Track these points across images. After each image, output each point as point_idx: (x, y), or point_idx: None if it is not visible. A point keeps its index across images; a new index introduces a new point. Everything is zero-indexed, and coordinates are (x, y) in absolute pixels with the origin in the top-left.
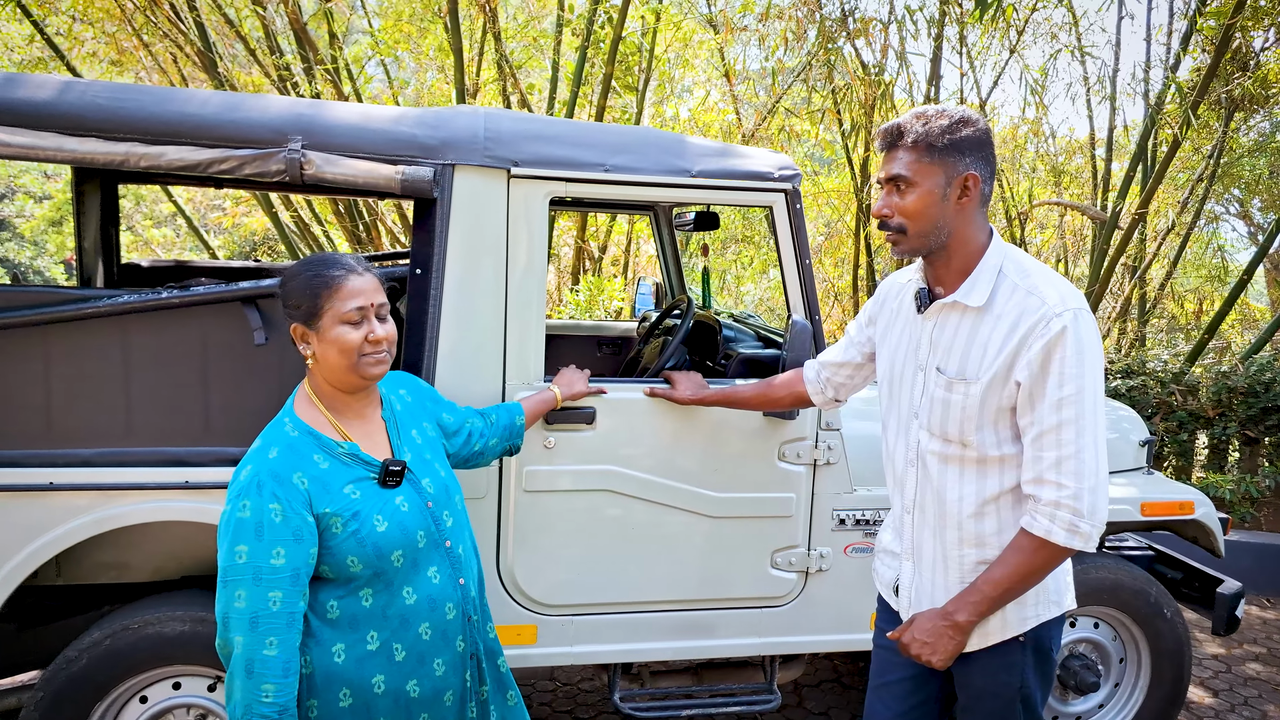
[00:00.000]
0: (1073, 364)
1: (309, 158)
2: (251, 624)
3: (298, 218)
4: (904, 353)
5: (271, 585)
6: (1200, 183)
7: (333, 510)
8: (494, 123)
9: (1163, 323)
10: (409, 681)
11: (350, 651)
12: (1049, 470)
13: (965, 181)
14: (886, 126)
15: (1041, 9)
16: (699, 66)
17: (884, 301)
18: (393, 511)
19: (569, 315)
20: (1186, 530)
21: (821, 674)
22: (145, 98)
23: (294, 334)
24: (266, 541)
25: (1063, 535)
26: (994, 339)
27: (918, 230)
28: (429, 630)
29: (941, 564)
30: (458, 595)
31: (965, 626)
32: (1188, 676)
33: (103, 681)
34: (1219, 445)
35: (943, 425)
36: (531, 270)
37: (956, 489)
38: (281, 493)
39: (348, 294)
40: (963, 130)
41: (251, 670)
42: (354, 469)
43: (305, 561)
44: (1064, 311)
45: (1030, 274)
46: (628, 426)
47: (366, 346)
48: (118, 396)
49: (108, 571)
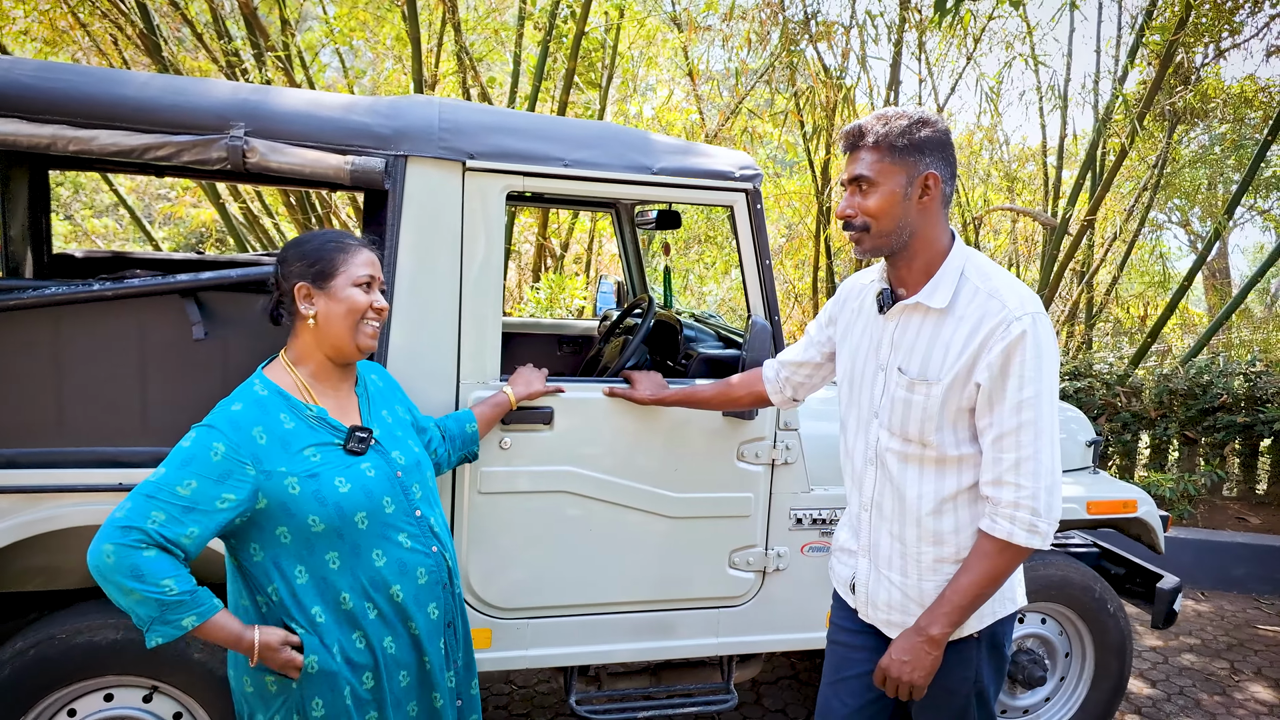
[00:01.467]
0: (1032, 367)
1: (252, 145)
2: (123, 531)
3: (247, 209)
4: (865, 352)
5: (161, 506)
6: (1145, 192)
7: (288, 469)
8: (450, 113)
9: (1109, 326)
10: (385, 639)
11: (329, 613)
12: (1008, 472)
13: (926, 181)
14: (849, 128)
15: (998, 18)
16: (663, 65)
17: (845, 302)
18: (357, 475)
19: (530, 313)
20: (1130, 527)
21: (779, 671)
22: (76, 77)
23: (297, 293)
24: (188, 471)
25: (1024, 536)
26: (955, 341)
27: (880, 230)
28: (400, 593)
29: (899, 560)
30: (430, 562)
31: (940, 639)
32: (1129, 669)
33: (27, 693)
34: (1160, 445)
35: (903, 425)
36: (488, 266)
37: (916, 487)
38: (234, 437)
39: (363, 262)
40: (922, 131)
41: (140, 572)
42: (319, 432)
43: (212, 502)
44: (1023, 315)
45: (991, 277)
46: (586, 427)
47: (370, 312)
48: (47, 393)
49: (35, 578)
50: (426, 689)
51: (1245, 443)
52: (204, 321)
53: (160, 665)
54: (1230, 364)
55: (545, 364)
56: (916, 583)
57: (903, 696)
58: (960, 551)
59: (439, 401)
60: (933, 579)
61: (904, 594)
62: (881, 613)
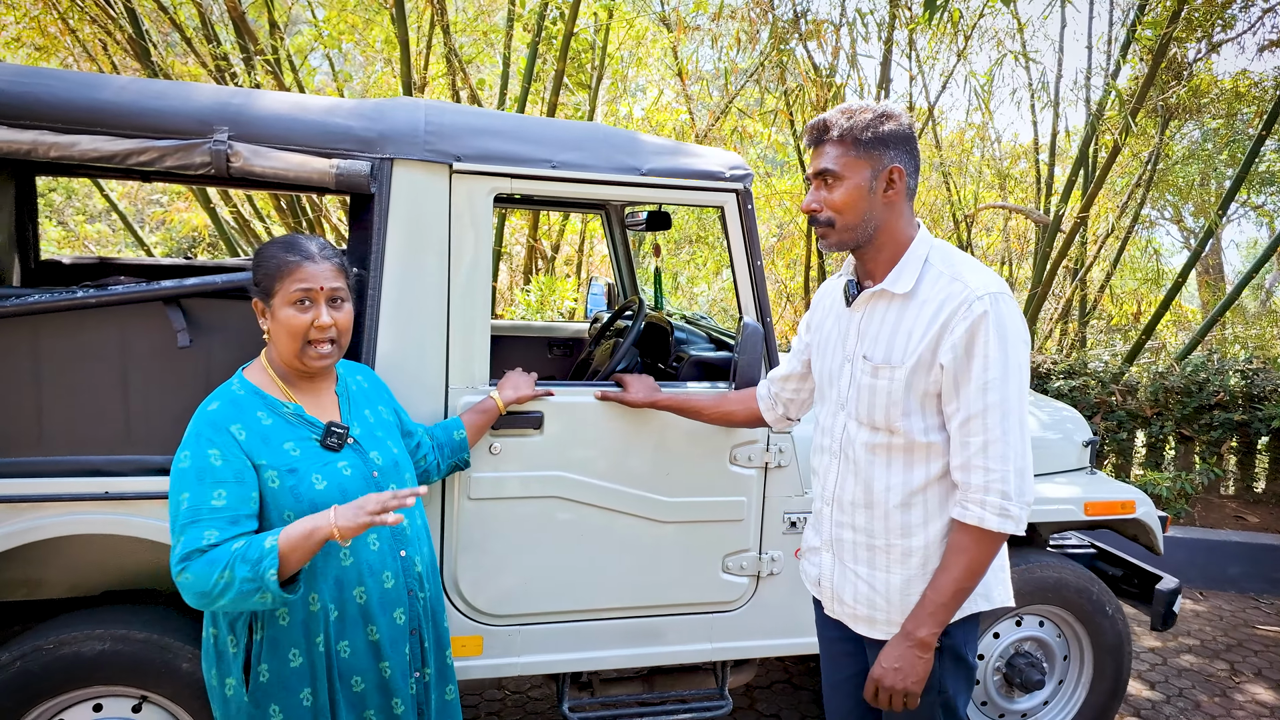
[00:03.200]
0: (996, 347)
1: (236, 150)
2: (186, 558)
3: (238, 213)
4: (833, 345)
5: (210, 524)
6: (1138, 188)
7: (269, 463)
8: (435, 115)
9: (1102, 324)
10: (340, 642)
11: (294, 614)
12: (976, 455)
13: (891, 174)
14: (813, 122)
15: (988, 14)
16: (652, 65)
17: (817, 306)
18: (334, 473)
19: (520, 315)
20: (1127, 528)
21: (773, 675)
22: (55, 82)
23: (255, 308)
24: (208, 484)
25: (995, 520)
26: (919, 323)
27: (846, 223)
28: (364, 595)
29: (865, 553)
30: (397, 566)
31: (930, 641)
32: (1128, 671)
33: (13, 706)
34: (1156, 443)
35: (869, 412)
36: (476, 270)
37: (884, 479)
38: (219, 439)
39: (298, 278)
40: (886, 125)
41: (214, 560)
42: (297, 428)
43: (245, 502)
44: (984, 295)
45: (955, 263)
46: (577, 431)
47: (314, 332)
48: (28, 402)
49: (18, 589)
50: (385, 695)
51: (1242, 440)
52: (188, 329)
53: (148, 675)
54: (1226, 361)
55: (535, 367)
56: (885, 575)
57: (896, 708)
58: (929, 543)
59: (427, 408)
60: (900, 571)
61: (870, 587)
62: (848, 608)
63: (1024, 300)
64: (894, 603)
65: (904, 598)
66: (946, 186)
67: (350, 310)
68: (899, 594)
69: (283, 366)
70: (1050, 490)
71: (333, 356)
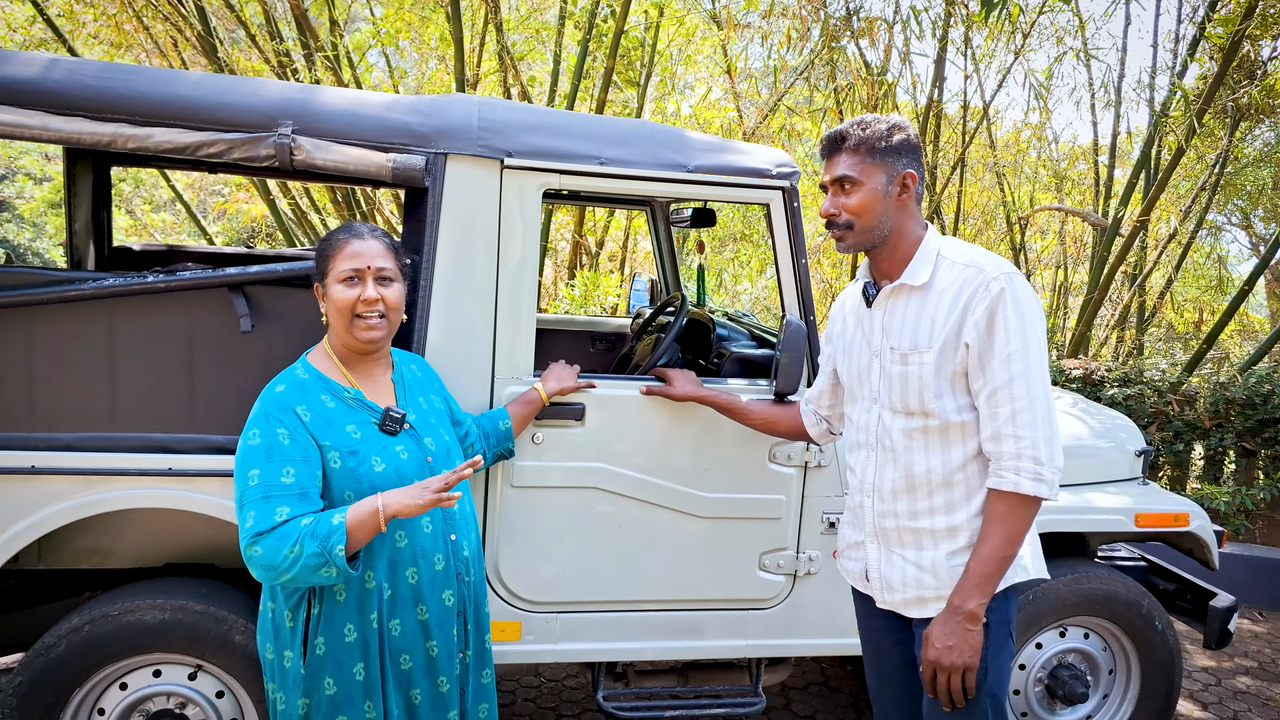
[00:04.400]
0: (1015, 321)
1: (299, 143)
2: (258, 535)
3: (295, 205)
4: (858, 347)
5: (280, 501)
6: (1203, 192)
7: (331, 444)
8: (488, 111)
9: (1161, 331)
10: (391, 620)
11: (349, 590)
12: (1006, 424)
13: (905, 179)
14: (829, 134)
15: (1048, 12)
16: (701, 63)
17: (835, 318)
18: (391, 456)
19: (563, 310)
20: (1181, 542)
21: (809, 676)
22: (134, 78)
23: (316, 292)
24: (276, 462)
25: (1030, 485)
26: (940, 309)
27: (863, 226)
28: (416, 575)
29: (910, 535)
30: (446, 549)
31: (978, 612)
32: (1178, 689)
33: (81, 668)
34: (1215, 456)
35: (903, 399)
36: (524, 264)
37: (924, 462)
38: (286, 419)
39: (346, 255)
40: (897, 135)
41: (284, 536)
42: (358, 412)
43: (313, 481)
44: (1000, 275)
45: (965, 253)
46: (618, 424)
47: (360, 306)
48: (102, 381)
49: (90, 557)
50: (431, 674)
51: None
52: (250, 315)
53: (204, 645)
54: None
55: (577, 360)
56: (932, 553)
57: (954, 686)
58: (972, 516)
59: (473, 396)
60: (948, 544)
61: (918, 567)
62: (898, 593)
63: (1079, 305)
64: (941, 577)
65: (951, 570)
66: (1000, 188)
67: (400, 290)
68: (945, 566)
69: (341, 349)
70: (1100, 499)
71: (381, 330)
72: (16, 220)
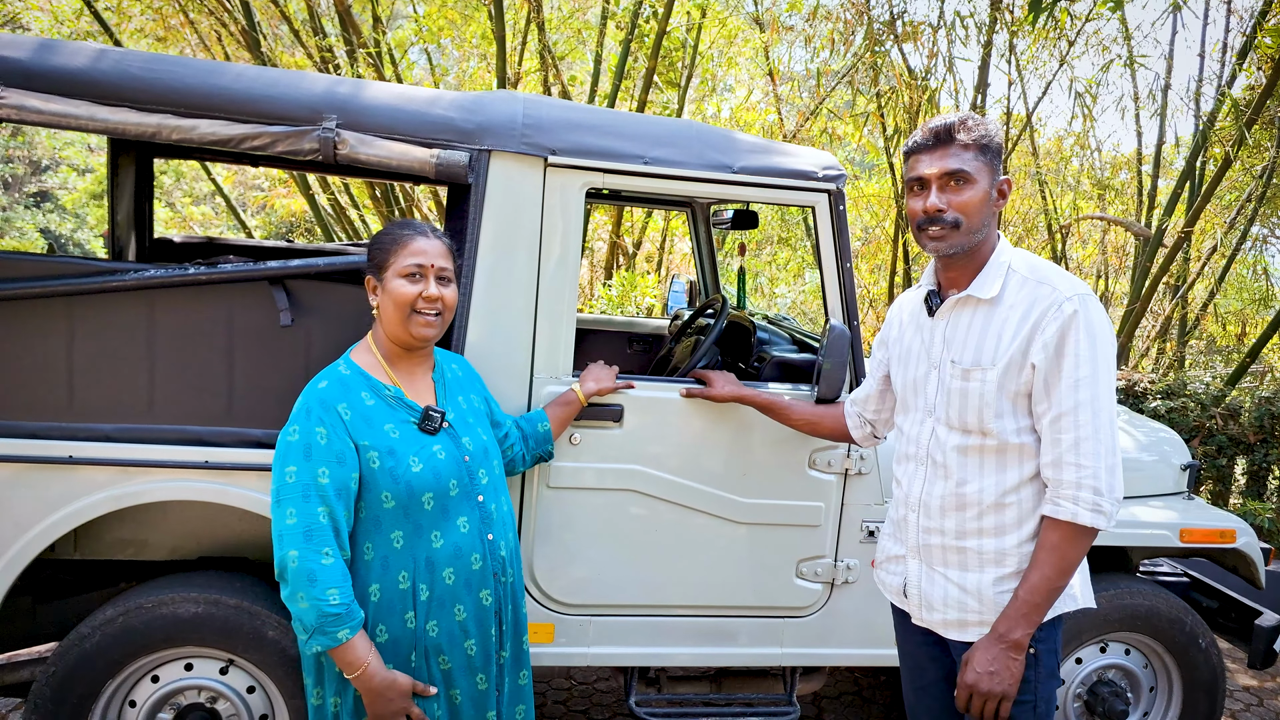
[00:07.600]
0: (1086, 346)
1: (343, 137)
2: (305, 537)
3: (335, 201)
4: (916, 356)
5: (320, 500)
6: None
7: (370, 443)
8: (533, 109)
9: (1202, 344)
10: (429, 621)
11: (384, 592)
12: (1068, 452)
13: (1004, 186)
14: (937, 125)
15: (1095, 19)
16: (742, 65)
17: (893, 322)
18: (429, 456)
19: (600, 310)
20: (1226, 559)
21: (842, 686)
22: (180, 69)
23: (367, 285)
24: (314, 461)
25: (1088, 516)
26: (1008, 327)
27: (970, 226)
28: (453, 575)
29: (955, 555)
30: (483, 549)
31: (1023, 642)
32: (1220, 708)
33: (114, 659)
34: (1258, 472)
35: (961, 415)
36: (565, 262)
37: (977, 481)
38: (327, 418)
39: (410, 251)
40: (998, 139)
41: (315, 579)
42: (397, 411)
43: (347, 483)
44: (1074, 295)
45: (1038, 268)
46: (656, 426)
47: (420, 303)
48: (141, 373)
49: (125, 548)
50: (470, 674)
51: None
52: (290, 309)
53: (236, 640)
54: None
55: (615, 361)
56: (977, 575)
57: (989, 714)
58: (1023, 541)
59: (512, 395)
60: (994, 569)
61: (961, 589)
62: (938, 613)
63: (1120, 316)
64: (986, 602)
65: (996, 596)
66: (1042, 195)
67: (455, 292)
68: (991, 592)
69: (387, 345)
70: (1144, 514)
71: (435, 327)
72: (59, 211)
